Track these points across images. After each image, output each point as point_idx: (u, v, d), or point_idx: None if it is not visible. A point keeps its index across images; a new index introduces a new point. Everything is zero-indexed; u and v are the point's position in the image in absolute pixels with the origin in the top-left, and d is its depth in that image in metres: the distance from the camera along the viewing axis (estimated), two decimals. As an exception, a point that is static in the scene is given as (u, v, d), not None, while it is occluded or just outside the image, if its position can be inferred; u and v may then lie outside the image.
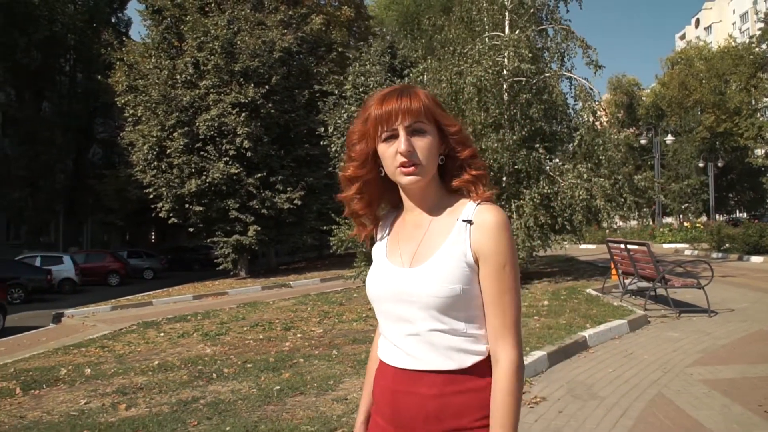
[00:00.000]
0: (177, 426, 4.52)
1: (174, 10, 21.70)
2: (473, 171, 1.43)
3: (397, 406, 1.40)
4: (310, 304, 12.21)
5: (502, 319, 1.33)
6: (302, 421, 4.40)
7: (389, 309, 1.42)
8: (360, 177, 1.48)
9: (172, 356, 7.56)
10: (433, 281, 1.34)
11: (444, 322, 1.35)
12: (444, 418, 1.34)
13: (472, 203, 1.40)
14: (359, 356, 6.59)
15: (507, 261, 1.33)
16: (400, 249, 1.47)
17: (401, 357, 1.40)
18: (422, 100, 1.39)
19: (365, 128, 1.43)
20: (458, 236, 1.37)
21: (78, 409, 5.31)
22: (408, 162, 1.36)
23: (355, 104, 10.78)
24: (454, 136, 1.42)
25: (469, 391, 1.34)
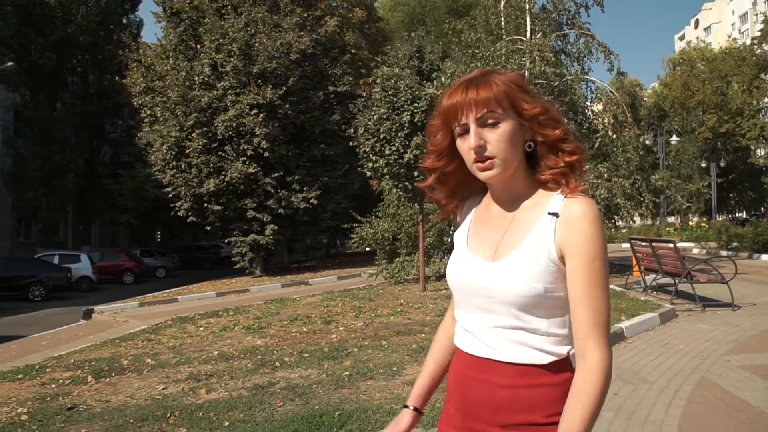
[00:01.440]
0: (265, 407, 4.89)
1: (191, 12, 22.04)
2: (566, 157, 1.35)
3: (466, 392, 1.38)
4: (339, 300, 12.57)
5: (591, 317, 1.26)
6: (382, 402, 4.77)
7: (468, 299, 1.40)
8: (437, 168, 1.46)
9: (226, 347, 7.92)
10: (514, 279, 1.30)
11: (524, 320, 1.31)
12: (515, 411, 1.30)
13: (560, 196, 1.33)
14: (410, 346, 6.97)
15: (597, 256, 1.26)
16: (482, 240, 1.42)
17: (478, 345, 1.38)
18: (493, 87, 1.31)
19: (439, 121, 1.40)
20: (543, 231, 1.31)
21: (159, 394, 5.67)
22: (481, 158, 1.32)
23: (385, 106, 11.10)
24: (538, 119, 1.34)
25: (543, 385, 1.30)
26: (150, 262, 29.43)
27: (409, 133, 11.33)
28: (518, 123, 1.32)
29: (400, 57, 11.80)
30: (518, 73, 1.41)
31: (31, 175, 27.68)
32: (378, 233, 15.26)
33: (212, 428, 4.47)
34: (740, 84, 41.52)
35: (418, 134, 11.27)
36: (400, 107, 11.39)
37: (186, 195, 20.63)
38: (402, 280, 14.73)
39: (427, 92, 11.12)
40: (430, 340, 5.79)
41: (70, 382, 6.52)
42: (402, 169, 11.45)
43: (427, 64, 11.67)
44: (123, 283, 25.90)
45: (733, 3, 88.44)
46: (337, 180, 22.09)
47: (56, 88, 28.88)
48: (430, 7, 43.41)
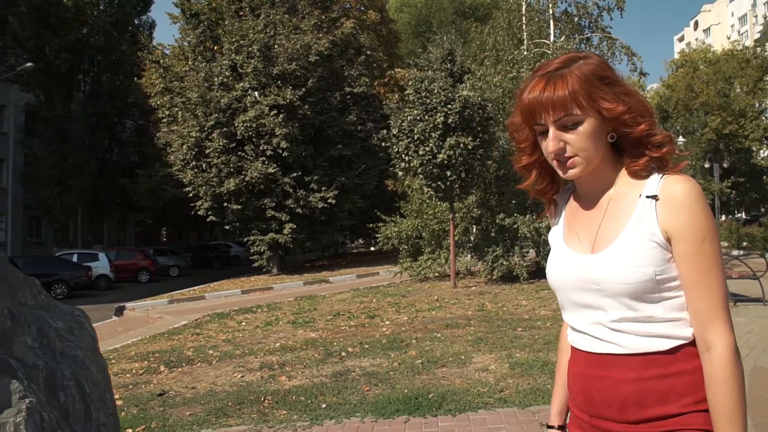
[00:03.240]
0: (353, 391, 5.21)
1: (210, 14, 22.33)
2: (654, 152, 1.28)
3: (589, 392, 1.31)
4: (370, 296, 12.89)
5: (708, 301, 1.20)
6: (466, 386, 5.10)
7: (573, 297, 1.34)
8: (534, 162, 1.41)
9: (282, 340, 8.24)
10: (620, 267, 1.24)
11: (636, 309, 1.24)
12: (646, 405, 1.23)
13: (656, 176, 1.27)
14: (466, 338, 7.30)
15: (706, 236, 1.20)
16: (578, 234, 1.37)
17: (591, 342, 1.31)
18: (569, 85, 1.23)
19: (520, 119, 1.35)
20: (643, 214, 1.25)
21: (240, 381, 5.99)
22: (562, 158, 1.28)
23: (419, 108, 11.44)
24: (621, 118, 1.26)
25: (674, 374, 1.23)
26: (164, 261, 29.70)
27: (442, 134, 11.65)
28: (600, 118, 1.25)
29: (432, 60, 12.10)
30: (601, 60, 1.30)
31: (46, 174, 27.94)
32: (402, 232, 15.58)
33: (310, 410, 4.78)
34: (743, 86, 41.97)
35: (451, 135, 11.61)
36: (433, 108, 11.72)
37: (206, 194, 20.92)
38: (426, 278, 15.07)
39: (461, 94, 11.45)
40: (480, 334, 6.14)
41: (144, 372, 6.83)
42: (435, 169, 11.78)
43: (458, 67, 11.98)
44: (139, 281, 26.17)
45: (732, 5, 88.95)
46: (354, 180, 22.42)
47: (70, 88, 29.14)
48: (436, 8, 43.79)
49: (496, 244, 12.93)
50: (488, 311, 9.53)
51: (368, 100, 24.02)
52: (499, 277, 13.01)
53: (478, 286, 13.00)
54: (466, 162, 11.81)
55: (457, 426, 4.10)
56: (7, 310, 2.67)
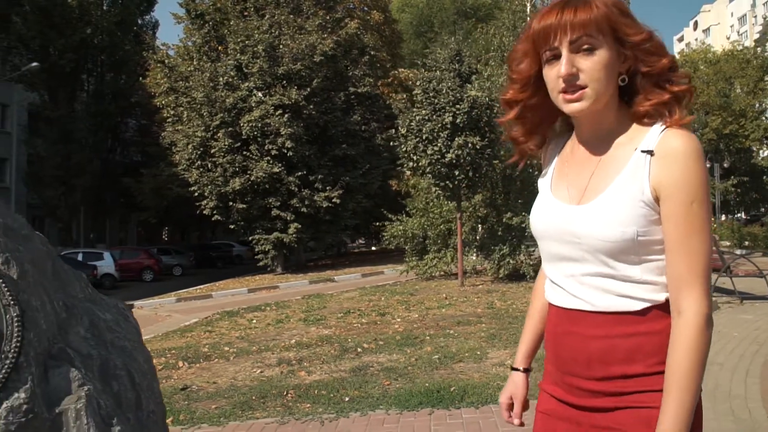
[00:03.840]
0: (375, 385, 5.32)
1: (214, 14, 22.44)
2: (674, 87, 1.22)
3: (558, 347, 1.30)
4: (378, 295, 12.99)
5: (687, 265, 1.15)
6: (485, 380, 5.21)
7: (552, 248, 1.31)
8: (520, 101, 1.34)
9: (297, 337, 8.35)
10: (602, 222, 1.19)
11: (614, 267, 1.20)
12: (611, 362, 1.21)
13: (656, 129, 1.21)
14: (479, 335, 7.41)
15: (696, 197, 1.15)
16: (567, 182, 1.32)
17: (563, 296, 1.29)
18: (593, 9, 1.18)
19: (527, 46, 1.28)
20: (635, 170, 1.19)
21: (260, 376, 6.10)
22: (571, 87, 1.19)
23: (427, 108, 11.55)
24: (642, 46, 1.20)
25: (642, 334, 1.20)
26: (167, 260, 29.81)
27: (450, 134, 11.77)
28: (616, 52, 1.20)
29: (439, 60, 12.22)
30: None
31: (50, 174, 28.05)
32: (408, 231, 15.69)
33: (334, 403, 4.89)
34: (744, 86, 42.12)
35: (459, 134, 11.72)
36: (441, 108, 11.84)
37: (211, 194, 21.04)
38: (432, 276, 15.19)
39: (469, 94, 11.56)
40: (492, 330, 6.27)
41: (162, 367, 6.92)
42: (443, 168, 11.89)
43: (465, 67, 12.10)
44: (143, 280, 26.28)
45: (732, 5, 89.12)
46: (358, 180, 22.54)
47: (74, 88, 29.26)
48: (438, 8, 43.93)
49: (503, 242, 13.05)
50: (498, 309, 9.65)
51: (372, 100, 24.15)
52: (506, 276, 13.12)
53: (485, 285, 13.12)
54: (473, 161, 11.92)
55: (481, 417, 4.21)
56: (62, 303, 2.79)
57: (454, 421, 4.20)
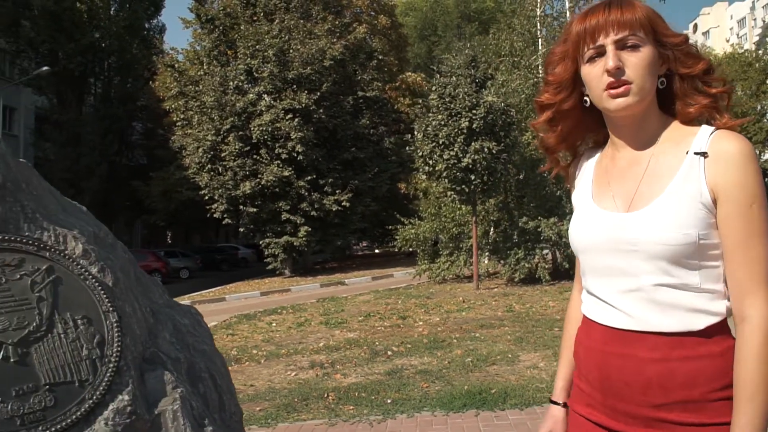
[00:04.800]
0: (413, 387, 5.44)
1: (224, 19, 22.58)
2: (713, 89, 1.23)
3: (605, 370, 1.22)
4: (394, 298, 13.11)
5: (749, 269, 1.11)
6: (523, 382, 5.33)
7: (601, 261, 1.25)
8: (554, 104, 1.34)
9: (323, 340, 8.47)
10: (661, 226, 1.16)
11: (674, 275, 1.15)
12: (671, 388, 1.14)
13: (705, 132, 1.19)
14: (505, 337, 7.54)
15: (755, 199, 1.12)
16: (612, 191, 1.28)
17: (614, 315, 1.23)
18: (637, 10, 1.21)
19: (566, 47, 1.28)
20: (690, 172, 1.17)
21: (297, 379, 6.22)
22: (617, 82, 1.19)
23: (443, 113, 11.69)
24: (679, 48, 1.23)
25: (702, 357, 1.14)
26: (174, 263, 29.89)
27: (466, 138, 11.90)
28: (657, 52, 1.22)
29: (454, 66, 12.35)
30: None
31: (59, 177, 28.14)
32: (420, 234, 15.81)
33: (377, 405, 5.01)
34: (746, 89, 42.35)
35: (476, 139, 11.85)
36: (457, 113, 11.97)
37: (221, 197, 21.15)
38: (444, 280, 15.31)
39: (486, 100, 11.70)
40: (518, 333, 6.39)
41: (195, 370, 7.03)
42: (460, 173, 12.02)
43: (481, 73, 12.23)
44: (151, 283, 26.30)
45: (731, 8, 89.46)
46: (367, 183, 22.67)
47: (82, 91, 29.40)
48: (441, 12, 44.17)
49: (518, 246, 13.17)
50: (518, 312, 9.77)
51: (380, 104, 24.29)
52: (521, 279, 13.25)
53: (500, 288, 13.24)
54: (489, 166, 12.05)
55: (528, 419, 4.33)
56: (148, 308, 2.91)
57: (502, 422, 4.32)
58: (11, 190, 2.57)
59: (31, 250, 2.50)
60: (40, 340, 2.33)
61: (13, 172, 2.64)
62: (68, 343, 2.40)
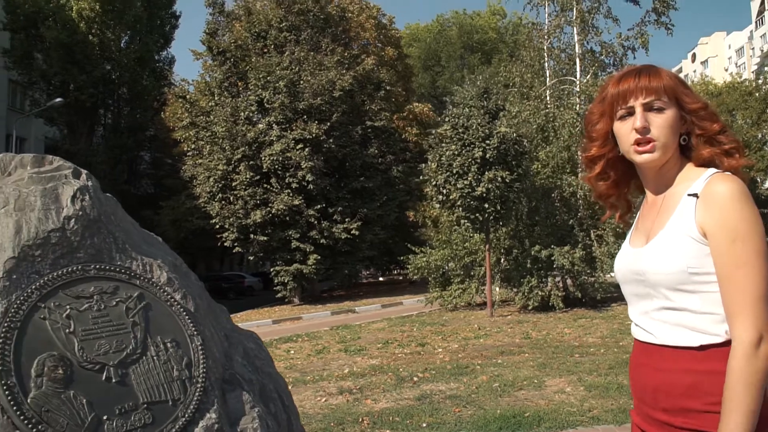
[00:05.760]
0: (446, 412, 5.58)
1: (235, 51, 23.06)
2: (725, 146, 1.41)
3: (635, 378, 1.48)
4: (409, 325, 13.23)
5: (734, 297, 1.26)
6: (554, 407, 5.47)
7: (628, 289, 1.49)
8: (603, 155, 1.53)
9: (346, 367, 8.59)
10: (657, 258, 1.36)
11: (673, 299, 1.35)
12: (674, 395, 1.33)
13: (706, 174, 1.37)
14: (527, 363, 7.68)
15: (737, 235, 1.27)
16: (639, 231, 1.52)
17: (639, 331, 1.46)
18: (663, 78, 1.40)
19: (603, 107, 1.48)
20: (683, 211, 1.36)
21: (327, 405, 6.34)
22: (643, 139, 1.38)
23: (456, 143, 11.96)
24: (699, 113, 1.41)
25: (702, 372, 1.30)
26: (182, 291, 29.95)
27: (480, 168, 12.15)
28: (679, 114, 1.40)
29: (467, 97, 12.66)
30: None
31: (70, 207, 28.40)
32: (432, 262, 15.98)
33: (412, 428, 5.15)
34: (747, 118, 42.85)
35: (489, 169, 12.11)
36: (470, 143, 12.25)
37: (232, 226, 21.38)
38: (456, 307, 15.44)
39: (499, 130, 11.98)
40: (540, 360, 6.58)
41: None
42: (474, 201, 12.25)
43: (493, 104, 12.54)
44: (160, 312, 26.37)
45: (729, 37, 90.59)
46: (376, 211, 22.91)
47: (93, 122, 29.83)
48: (444, 42, 44.89)
49: (530, 274, 13.33)
50: (535, 339, 9.90)
51: (388, 134, 24.66)
52: (534, 307, 13.38)
53: (513, 315, 13.37)
54: (502, 195, 12.29)
55: (565, 441, 4.48)
56: (222, 332, 3.11)
57: (540, 444, 4.47)
58: (104, 222, 2.80)
59: (123, 279, 2.72)
60: (137, 362, 2.53)
61: (104, 205, 2.87)
62: (161, 365, 2.59)
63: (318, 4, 23.80)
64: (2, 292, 2.30)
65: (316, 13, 23.73)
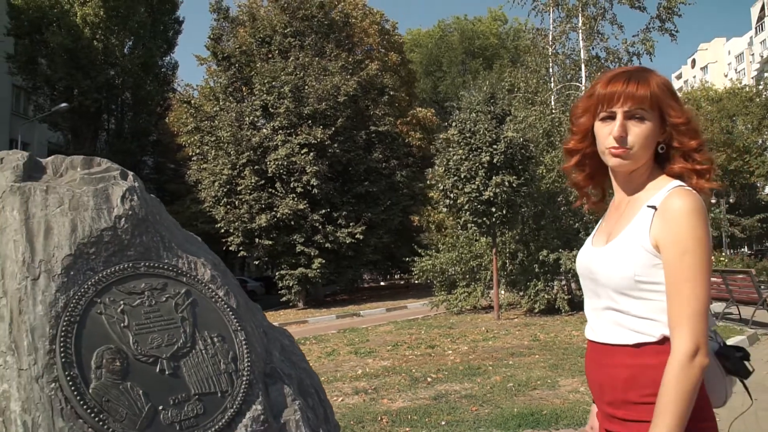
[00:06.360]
0: (463, 410, 5.67)
1: (240, 57, 23.22)
2: (697, 165, 1.44)
3: (588, 374, 1.56)
4: (416, 328, 13.31)
5: (678, 308, 1.32)
6: (569, 405, 5.57)
7: (583, 284, 1.58)
8: (580, 150, 1.57)
9: (359, 368, 8.68)
10: (609, 263, 1.44)
11: (619, 302, 1.42)
12: (615, 389, 1.42)
13: (668, 187, 1.42)
14: (539, 364, 7.77)
15: (687, 250, 1.32)
16: (602, 230, 1.58)
17: (589, 330, 1.55)
18: (651, 87, 1.41)
19: (588, 103, 1.50)
20: (640, 222, 1.41)
21: (344, 404, 6.44)
22: (618, 147, 1.42)
23: (465, 148, 12.08)
24: (680, 128, 1.43)
25: (638, 366, 1.38)
26: (185, 296, 30.03)
27: (487, 172, 12.27)
28: (659, 124, 1.43)
29: (473, 102, 12.79)
30: (665, 78, 1.48)
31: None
32: (437, 266, 16.08)
33: (432, 426, 5.24)
34: (748, 123, 43.04)
35: (496, 173, 12.23)
36: (477, 148, 12.37)
37: (237, 230, 21.49)
38: (461, 311, 15.52)
39: (506, 135, 12.10)
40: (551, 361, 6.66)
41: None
42: (481, 206, 12.36)
43: (499, 109, 12.67)
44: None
45: (728, 43, 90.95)
46: (380, 216, 23.03)
47: (97, 127, 29.93)
48: (446, 48, 45.08)
49: (536, 278, 13.43)
50: (544, 341, 9.99)
51: (392, 139, 24.80)
52: (540, 310, 13.46)
53: (519, 318, 13.46)
54: (509, 199, 12.40)
55: (584, 437, 4.56)
56: (261, 329, 3.21)
57: (559, 441, 4.56)
58: (151, 222, 2.91)
59: (171, 276, 2.83)
60: (187, 355, 2.63)
61: (150, 205, 2.99)
62: (209, 358, 2.70)
63: (322, 9, 23.99)
64: (61, 288, 2.40)
65: (321, 18, 23.91)
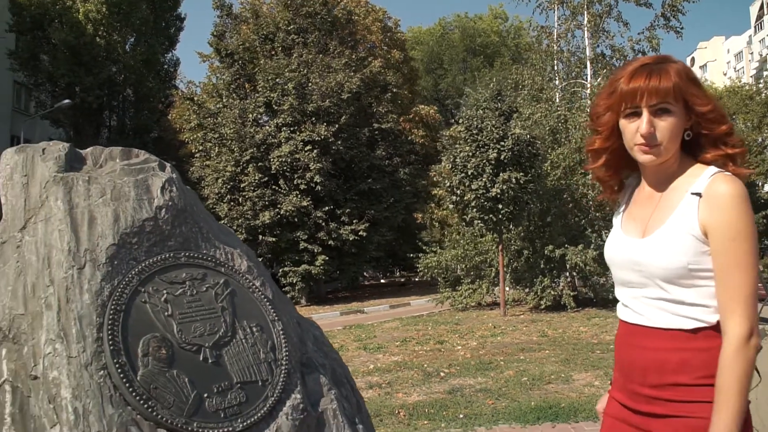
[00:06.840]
0: (480, 404, 5.71)
1: (243, 54, 23.21)
2: (728, 149, 1.45)
3: (623, 357, 1.54)
4: (422, 324, 13.35)
5: (729, 294, 1.34)
6: (583, 398, 5.60)
7: (621, 274, 1.56)
8: (607, 148, 1.58)
9: (370, 363, 8.72)
10: (659, 253, 1.42)
11: (670, 291, 1.42)
12: (664, 372, 1.42)
13: (707, 173, 1.42)
14: (550, 359, 7.81)
15: (737, 235, 1.34)
16: (634, 219, 1.56)
17: (629, 314, 1.53)
18: (672, 79, 1.41)
19: (611, 101, 1.50)
20: (686, 209, 1.41)
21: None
22: (648, 144, 1.43)
23: (472, 144, 12.11)
24: (707, 116, 1.43)
25: (691, 349, 1.40)
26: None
27: (494, 169, 12.30)
28: (684, 114, 1.43)
29: (480, 99, 12.82)
30: (686, 64, 1.48)
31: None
32: (443, 262, 16.12)
33: (449, 420, 5.28)
34: (748, 121, 43.12)
35: (504, 170, 12.26)
36: (485, 145, 12.40)
37: (240, 227, 21.47)
38: (466, 307, 15.57)
39: (513, 132, 12.13)
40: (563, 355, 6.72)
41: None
42: (488, 202, 12.39)
43: (506, 106, 12.70)
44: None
45: (728, 42, 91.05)
46: (383, 213, 23.04)
47: (99, 124, 29.91)
48: (447, 45, 45.09)
49: (543, 274, 13.47)
50: (552, 337, 10.04)
51: (395, 136, 24.81)
52: (546, 306, 13.51)
53: (526, 315, 13.51)
54: (516, 196, 12.44)
55: (605, 429, 4.60)
56: (296, 320, 3.24)
57: (580, 433, 4.60)
58: (189, 212, 2.95)
59: (209, 266, 2.86)
60: (228, 344, 2.66)
61: (188, 197, 3.02)
62: (249, 348, 2.74)
63: (325, 7, 23.96)
64: (106, 277, 2.43)
65: (324, 15, 23.88)
